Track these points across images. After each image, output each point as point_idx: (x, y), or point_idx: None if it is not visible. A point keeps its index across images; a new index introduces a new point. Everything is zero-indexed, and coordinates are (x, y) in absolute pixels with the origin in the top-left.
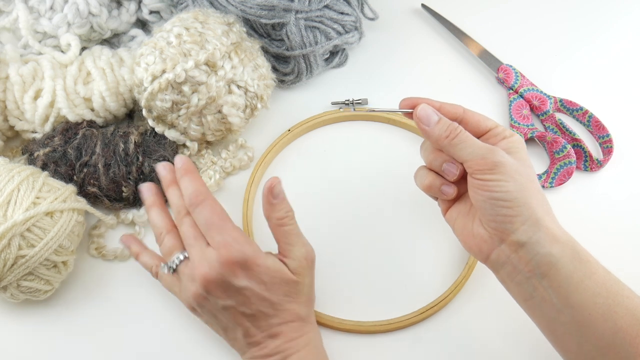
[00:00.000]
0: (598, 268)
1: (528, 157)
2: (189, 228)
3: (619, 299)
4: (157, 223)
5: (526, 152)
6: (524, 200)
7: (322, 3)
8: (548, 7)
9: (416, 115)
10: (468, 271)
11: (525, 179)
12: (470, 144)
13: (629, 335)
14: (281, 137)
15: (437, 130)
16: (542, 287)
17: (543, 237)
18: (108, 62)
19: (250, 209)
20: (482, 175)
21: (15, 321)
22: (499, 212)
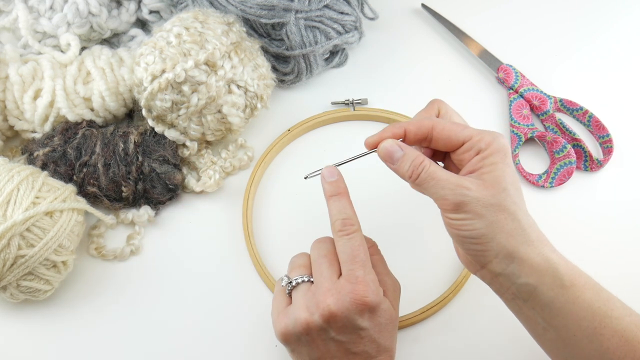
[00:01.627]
0: (585, 291)
1: (507, 171)
2: (324, 251)
3: (606, 321)
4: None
5: (506, 163)
6: (493, 235)
7: (322, 3)
8: (548, 7)
9: (379, 154)
10: (468, 271)
11: (495, 211)
12: (433, 184)
13: (616, 356)
14: (281, 137)
15: (401, 169)
16: (527, 308)
17: (518, 269)
18: (108, 62)
19: (250, 209)
20: (448, 214)
21: (15, 321)
22: (470, 248)
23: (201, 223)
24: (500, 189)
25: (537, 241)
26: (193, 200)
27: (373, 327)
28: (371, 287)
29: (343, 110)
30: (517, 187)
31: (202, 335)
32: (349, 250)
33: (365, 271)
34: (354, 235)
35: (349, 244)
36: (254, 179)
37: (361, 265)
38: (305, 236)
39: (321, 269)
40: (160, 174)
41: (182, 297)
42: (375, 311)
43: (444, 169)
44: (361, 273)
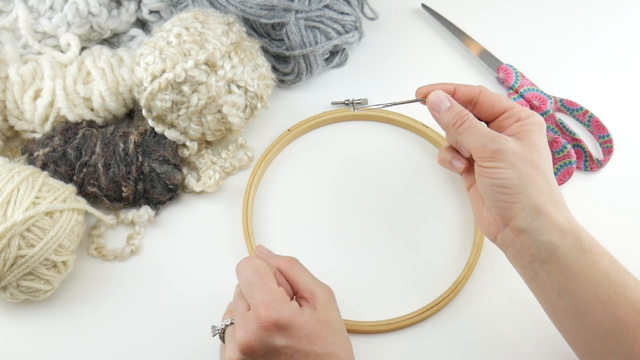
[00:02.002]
0: (603, 258)
1: (542, 140)
2: (235, 292)
3: (621, 290)
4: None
5: (542, 134)
6: (523, 187)
7: (322, 3)
8: (548, 7)
9: (428, 102)
10: (468, 270)
11: (528, 165)
12: (474, 132)
13: (628, 325)
14: (281, 137)
15: (445, 117)
16: (543, 272)
17: (542, 225)
18: (108, 62)
19: (250, 209)
20: (483, 162)
21: (15, 321)
22: (498, 199)
23: (201, 223)
24: (535, 149)
25: (562, 204)
26: (193, 200)
27: (296, 341)
28: (273, 305)
29: (343, 110)
30: (549, 157)
31: (202, 335)
32: (244, 280)
33: (264, 293)
34: (245, 264)
35: (243, 275)
36: (254, 179)
37: (258, 289)
38: (305, 236)
39: (236, 308)
40: (160, 174)
41: (182, 297)
42: (288, 327)
43: (484, 124)
44: (259, 296)
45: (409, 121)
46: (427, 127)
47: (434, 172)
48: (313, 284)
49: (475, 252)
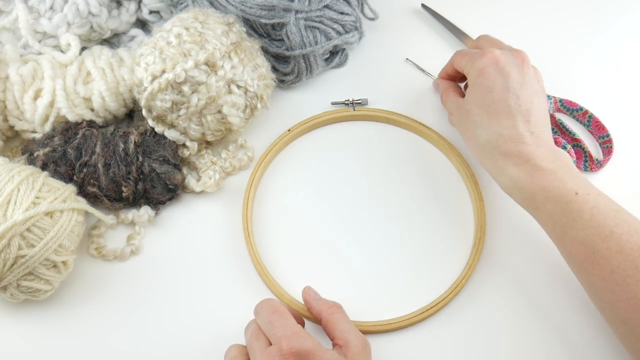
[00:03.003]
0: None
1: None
2: (250, 332)
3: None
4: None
5: (476, 82)
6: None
7: (322, 3)
8: (548, 7)
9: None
10: (468, 270)
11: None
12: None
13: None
14: (281, 137)
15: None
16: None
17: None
18: (108, 62)
19: (250, 210)
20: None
21: (15, 321)
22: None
23: (201, 223)
24: (465, 114)
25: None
26: (193, 200)
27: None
28: (294, 338)
29: (343, 111)
30: (482, 106)
31: (203, 335)
32: (266, 320)
33: (285, 328)
34: (264, 304)
35: (263, 314)
36: (254, 179)
37: (280, 325)
38: (305, 236)
39: (252, 347)
40: (160, 174)
41: (182, 297)
42: (309, 358)
43: (452, 94)
44: (281, 331)
45: (408, 121)
46: (427, 127)
47: (434, 173)
48: (350, 333)
49: (475, 252)
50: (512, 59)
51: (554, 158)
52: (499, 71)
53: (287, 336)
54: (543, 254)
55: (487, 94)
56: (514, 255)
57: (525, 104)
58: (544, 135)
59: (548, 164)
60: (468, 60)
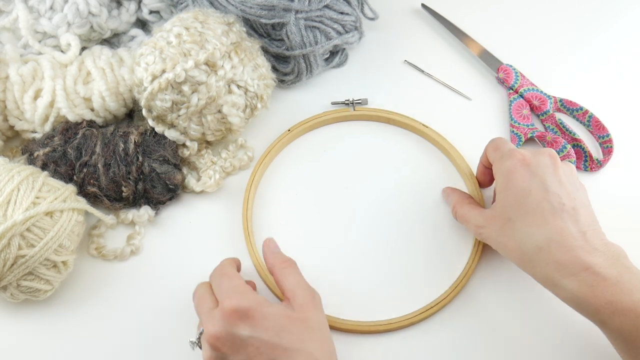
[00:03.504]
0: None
1: (509, 193)
2: (197, 296)
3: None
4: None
5: (507, 186)
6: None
7: (322, 3)
8: (548, 7)
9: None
10: (469, 270)
11: (501, 243)
12: (464, 223)
13: None
14: (281, 137)
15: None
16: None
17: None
18: (108, 62)
19: (250, 210)
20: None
21: (15, 321)
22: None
23: (201, 223)
24: (503, 222)
25: (543, 264)
26: (193, 200)
27: (262, 332)
28: (234, 295)
29: (343, 111)
30: (521, 211)
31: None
32: (215, 282)
33: (229, 287)
34: (216, 269)
35: (213, 277)
36: (254, 179)
37: (223, 282)
38: (305, 236)
39: (202, 308)
40: (160, 174)
41: (182, 297)
42: (251, 316)
43: (471, 209)
44: (223, 289)
45: (408, 121)
46: (427, 127)
47: (434, 172)
48: (299, 286)
49: (475, 252)
50: (541, 158)
51: (613, 261)
52: (531, 173)
53: (229, 295)
54: None
55: (526, 197)
56: None
57: (570, 202)
58: (597, 233)
59: (610, 271)
60: (496, 157)
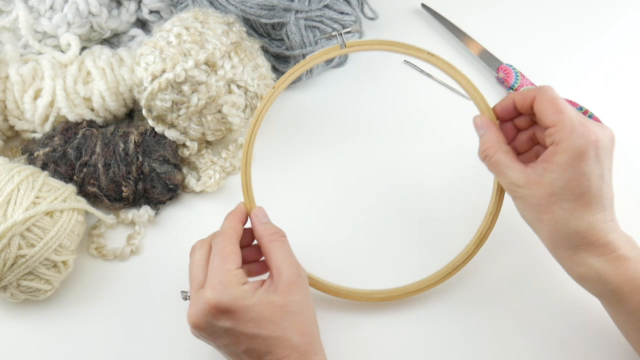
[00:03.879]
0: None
1: (563, 175)
2: (196, 265)
3: None
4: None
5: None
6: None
7: (322, 3)
8: (548, 7)
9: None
10: (482, 239)
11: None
12: (495, 172)
13: None
14: (267, 97)
15: (479, 145)
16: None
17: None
18: (108, 61)
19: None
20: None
21: (15, 321)
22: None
23: (201, 223)
24: (548, 194)
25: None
26: (193, 200)
27: (242, 325)
28: (218, 289)
29: (332, 50)
30: (575, 193)
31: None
32: (213, 254)
33: (217, 274)
34: (220, 240)
35: (214, 247)
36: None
37: (214, 268)
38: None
39: (193, 278)
40: (160, 174)
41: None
42: (231, 311)
43: (510, 159)
44: (211, 277)
45: (411, 48)
46: (434, 55)
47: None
48: (285, 262)
49: (491, 221)
50: (606, 141)
51: (632, 244)
52: (597, 158)
53: (213, 285)
54: None
55: (587, 181)
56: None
57: (612, 192)
58: (616, 219)
59: (631, 252)
60: (565, 125)
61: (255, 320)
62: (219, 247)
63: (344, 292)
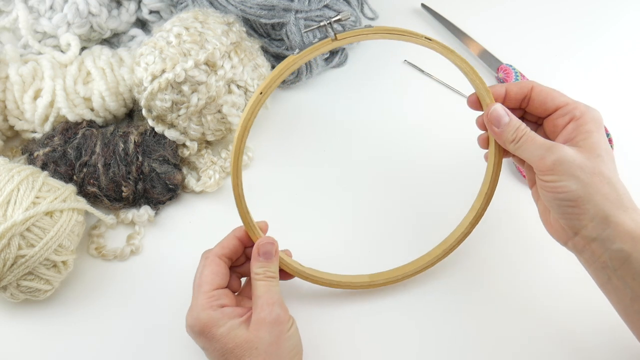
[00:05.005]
0: None
1: (601, 140)
2: (198, 271)
3: None
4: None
5: (600, 132)
6: (589, 197)
7: (322, 3)
8: (548, 7)
9: (488, 117)
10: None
11: (590, 174)
12: (531, 144)
13: None
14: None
15: (505, 133)
16: (616, 278)
17: (613, 234)
18: (108, 62)
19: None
20: (543, 176)
21: (15, 321)
22: (565, 211)
23: (201, 223)
24: (595, 155)
25: (632, 209)
26: (193, 200)
27: (210, 350)
28: (192, 312)
29: (323, 44)
30: (611, 157)
31: None
32: (194, 280)
33: (195, 297)
34: (211, 261)
35: (197, 273)
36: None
37: (200, 290)
38: (304, 234)
39: (194, 286)
40: (160, 174)
41: (182, 297)
42: (204, 334)
43: (541, 137)
44: (194, 298)
45: (408, 33)
46: (432, 39)
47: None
48: (263, 300)
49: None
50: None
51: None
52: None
53: (190, 310)
54: None
55: (608, 146)
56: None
57: None
58: None
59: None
60: (575, 102)
61: (220, 351)
62: (200, 266)
63: (344, 282)
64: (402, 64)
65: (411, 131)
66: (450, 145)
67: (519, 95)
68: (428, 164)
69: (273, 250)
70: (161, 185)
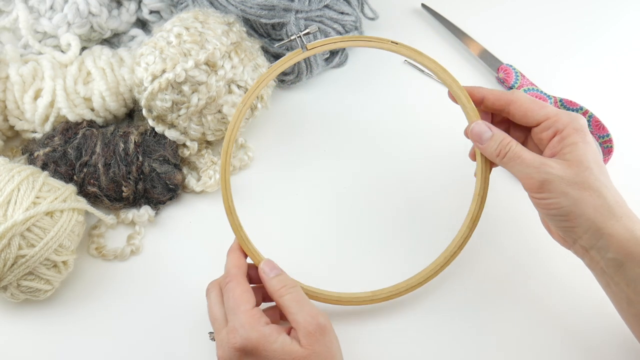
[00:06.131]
0: None
1: (587, 150)
2: (213, 307)
3: None
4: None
5: (585, 143)
6: (580, 212)
7: (322, 3)
8: (548, 7)
9: (470, 133)
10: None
11: (579, 189)
12: (518, 162)
13: None
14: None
15: (489, 148)
16: (613, 283)
17: (606, 244)
18: (108, 62)
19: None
20: (533, 194)
21: (15, 321)
22: (559, 225)
23: (201, 223)
24: (583, 168)
25: (625, 216)
26: (193, 200)
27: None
28: (239, 332)
29: (294, 54)
30: (600, 165)
31: (202, 334)
32: (226, 304)
33: (234, 319)
34: (227, 289)
35: (225, 298)
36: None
37: (231, 314)
38: (304, 234)
39: (215, 318)
40: (160, 174)
41: (183, 297)
42: (254, 354)
43: (529, 150)
44: (231, 322)
45: (374, 40)
46: (398, 43)
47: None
48: (299, 314)
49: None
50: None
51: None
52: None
53: (234, 329)
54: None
55: (596, 154)
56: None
57: None
58: None
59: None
60: (558, 114)
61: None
62: (229, 291)
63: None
64: (402, 64)
65: (411, 131)
66: (451, 145)
67: (496, 105)
68: (428, 164)
69: (275, 265)
70: (161, 185)
